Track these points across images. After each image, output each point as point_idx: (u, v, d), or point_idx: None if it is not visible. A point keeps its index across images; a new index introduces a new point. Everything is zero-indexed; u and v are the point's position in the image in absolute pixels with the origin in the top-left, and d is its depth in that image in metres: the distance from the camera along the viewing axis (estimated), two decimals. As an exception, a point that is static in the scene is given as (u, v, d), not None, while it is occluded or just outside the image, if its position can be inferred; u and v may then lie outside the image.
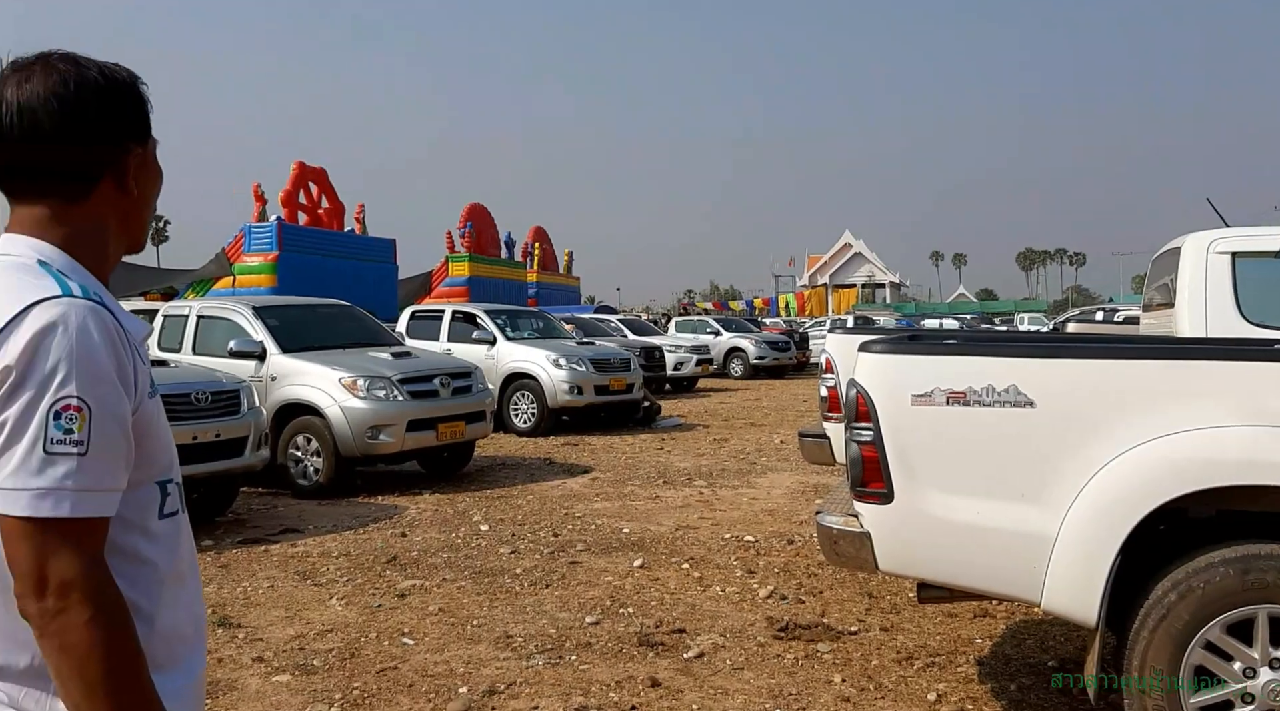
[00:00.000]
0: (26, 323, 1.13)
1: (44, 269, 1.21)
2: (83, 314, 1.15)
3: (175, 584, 1.28)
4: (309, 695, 3.99)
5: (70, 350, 1.13)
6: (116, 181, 1.27)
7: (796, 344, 25.91)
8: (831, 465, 5.86)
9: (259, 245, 24.80)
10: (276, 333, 9.16)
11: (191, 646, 1.31)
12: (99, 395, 1.14)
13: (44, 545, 1.10)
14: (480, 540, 6.71)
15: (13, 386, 1.11)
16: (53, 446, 1.10)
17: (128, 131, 1.27)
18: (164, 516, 1.27)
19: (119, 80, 1.27)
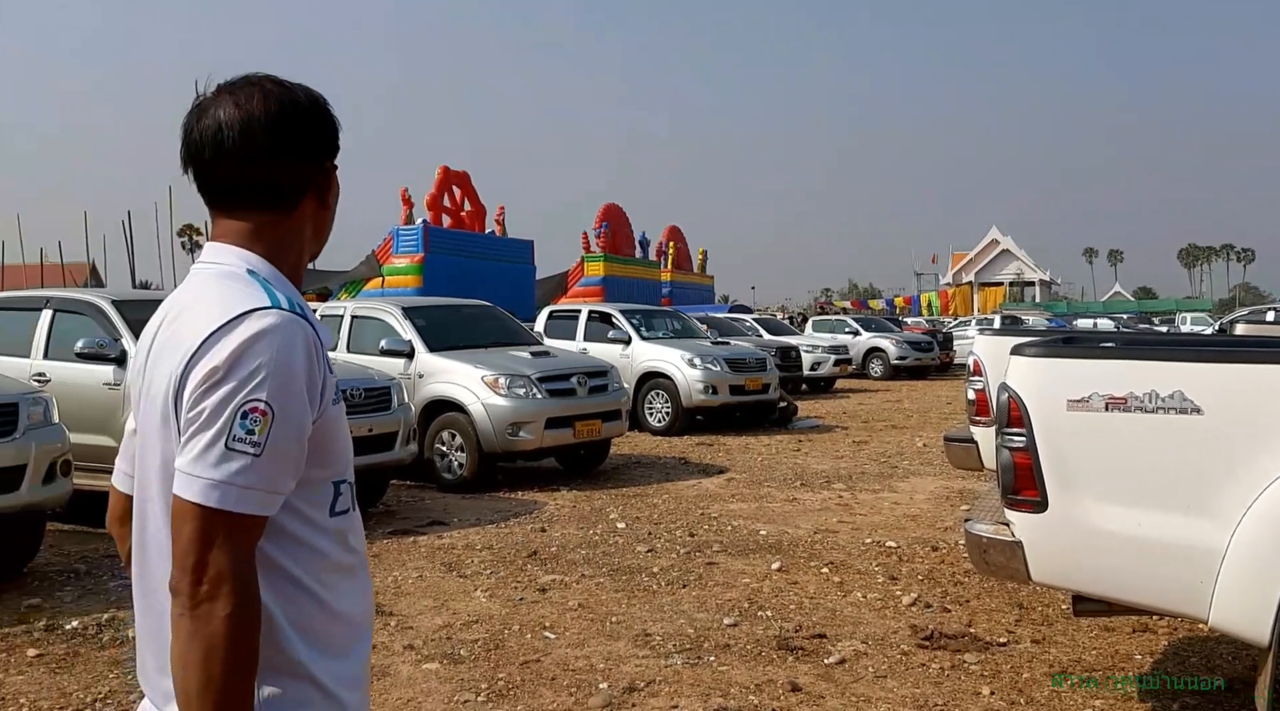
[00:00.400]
0: (239, 329, 1.21)
1: (252, 278, 1.30)
2: (289, 326, 1.23)
3: (347, 574, 1.35)
4: (456, 683, 4.13)
5: (271, 359, 1.21)
6: (318, 196, 1.37)
7: (940, 344, 25.16)
8: (979, 470, 5.68)
9: (406, 247, 25.79)
10: (424, 332, 9.50)
11: (361, 634, 1.37)
12: (284, 403, 1.21)
13: (206, 533, 1.17)
14: (617, 538, 6.79)
15: (214, 384, 1.20)
16: (234, 443, 1.18)
17: (326, 149, 1.37)
18: (336, 514, 1.34)
19: (317, 101, 1.36)
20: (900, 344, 23.75)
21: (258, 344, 1.21)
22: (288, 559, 1.28)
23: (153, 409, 1.28)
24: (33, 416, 5.60)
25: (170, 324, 1.30)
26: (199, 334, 1.22)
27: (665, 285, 36.85)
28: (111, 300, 7.72)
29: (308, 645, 1.28)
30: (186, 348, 1.23)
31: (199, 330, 1.23)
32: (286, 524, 1.27)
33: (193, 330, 1.24)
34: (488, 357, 9.27)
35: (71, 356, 7.16)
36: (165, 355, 1.27)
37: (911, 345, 23.87)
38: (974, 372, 5.53)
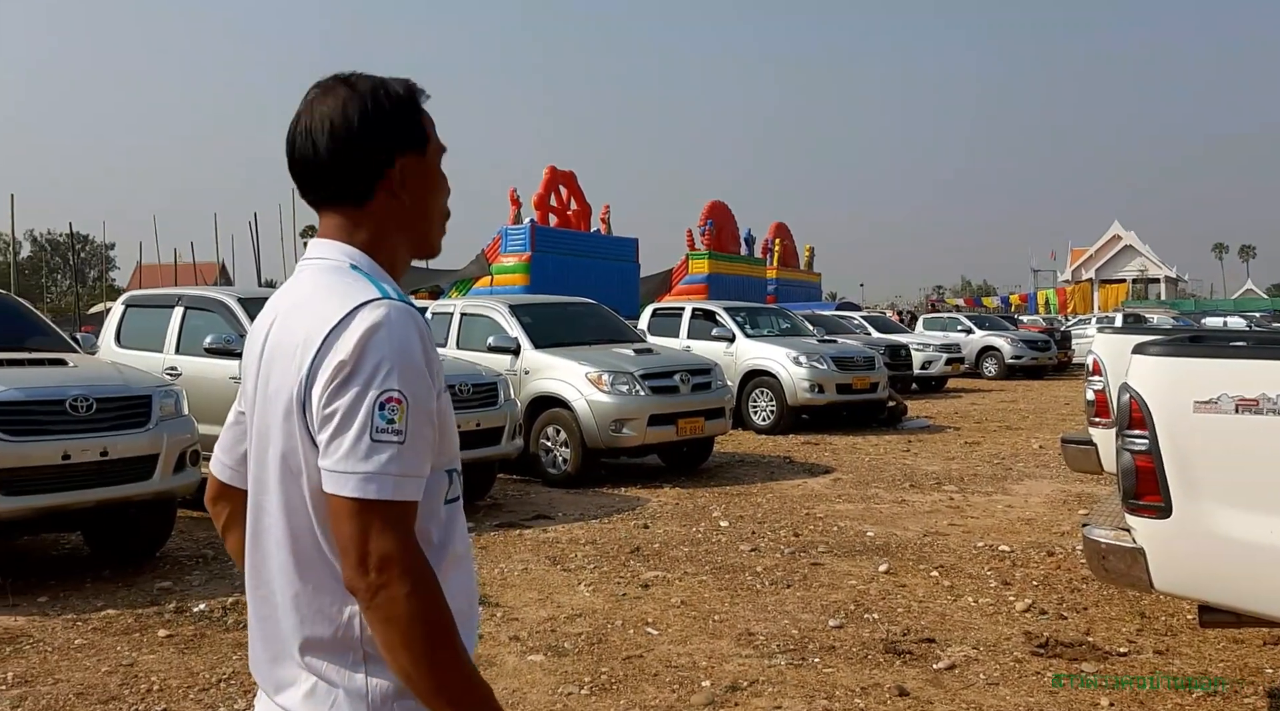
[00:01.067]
0: (355, 322, 1.24)
1: (356, 271, 1.32)
2: (402, 315, 1.25)
3: (456, 565, 1.36)
4: (560, 676, 4.17)
5: (394, 348, 1.23)
6: (388, 192, 1.36)
7: (1057, 342, 24.28)
8: (1098, 474, 5.46)
9: (514, 246, 26.23)
10: (530, 329, 9.66)
11: (468, 625, 1.37)
12: (414, 389, 1.23)
13: (368, 525, 1.19)
14: (720, 536, 6.77)
15: (345, 380, 1.22)
16: (378, 435, 1.20)
17: (394, 144, 1.35)
18: (448, 502, 1.35)
19: (386, 96, 1.36)
20: (1015, 342, 23.00)
21: (377, 335, 1.23)
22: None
23: (272, 405, 1.30)
24: (164, 409, 5.90)
25: (284, 320, 1.32)
26: (320, 330, 1.25)
27: (771, 282, 36.53)
28: (237, 297, 8.09)
29: None
30: (308, 344, 1.25)
31: (318, 326, 1.25)
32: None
33: (311, 326, 1.26)
34: (591, 355, 9.36)
35: (200, 351, 7.53)
36: (283, 352, 1.29)
37: (1027, 344, 23.09)
38: (1093, 372, 5.32)
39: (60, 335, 6.82)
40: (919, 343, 19.70)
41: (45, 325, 6.88)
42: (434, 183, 1.40)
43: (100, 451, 5.46)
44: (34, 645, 4.58)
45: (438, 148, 1.42)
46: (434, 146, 1.41)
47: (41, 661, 4.38)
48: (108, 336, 8.59)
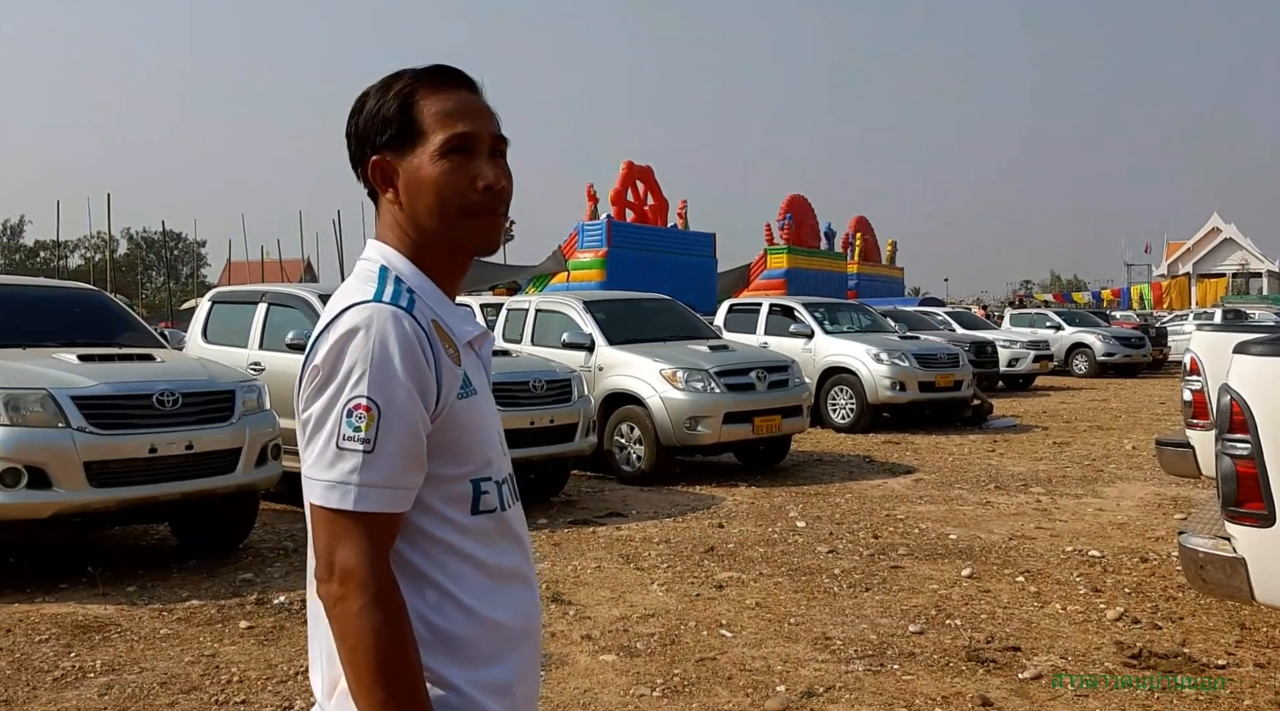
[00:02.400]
0: (336, 326, 1.23)
1: (379, 272, 1.31)
2: (383, 319, 1.22)
3: (498, 579, 1.30)
4: (632, 676, 4.13)
5: (367, 353, 1.20)
6: (382, 190, 1.34)
7: (1152, 339, 23.41)
8: (1195, 478, 5.20)
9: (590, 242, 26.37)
10: (604, 325, 9.64)
11: (517, 643, 1.32)
12: (388, 397, 1.19)
13: (332, 533, 1.19)
14: (797, 537, 6.65)
15: (318, 385, 1.22)
16: (344, 443, 1.19)
17: (368, 142, 1.33)
18: (480, 513, 1.29)
19: (370, 93, 1.35)
20: (1107, 339, 22.22)
21: (353, 339, 1.21)
22: (422, 558, 1.26)
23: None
24: (247, 403, 6.03)
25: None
26: (314, 334, 1.27)
27: (852, 278, 36.06)
28: (318, 294, 8.23)
29: (441, 648, 1.25)
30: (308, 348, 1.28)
31: (315, 330, 1.28)
32: (422, 523, 1.26)
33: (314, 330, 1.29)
34: (666, 351, 9.30)
35: (283, 347, 7.68)
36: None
37: (1120, 340, 22.29)
38: (1191, 371, 5.06)
39: (149, 331, 7.03)
40: (1005, 339, 19.18)
41: (134, 321, 7.10)
42: (426, 178, 1.30)
43: (186, 445, 5.60)
44: (121, 634, 4.72)
45: (445, 140, 1.30)
46: (432, 142, 1.30)
47: (128, 650, 4.50)
48: (195, 332, 8.84)
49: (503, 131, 1.36)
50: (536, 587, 1.38)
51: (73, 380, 5.44)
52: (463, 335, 1.32)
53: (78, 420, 5.27)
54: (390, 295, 1.26)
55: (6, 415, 5.17)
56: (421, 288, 1.31)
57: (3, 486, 5.10)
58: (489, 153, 1.32)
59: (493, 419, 1.36)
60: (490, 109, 1.36)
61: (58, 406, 5.26)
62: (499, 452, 1.35)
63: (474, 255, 1.36)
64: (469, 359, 1.32)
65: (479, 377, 1.33)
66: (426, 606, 1.25)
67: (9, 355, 5.72)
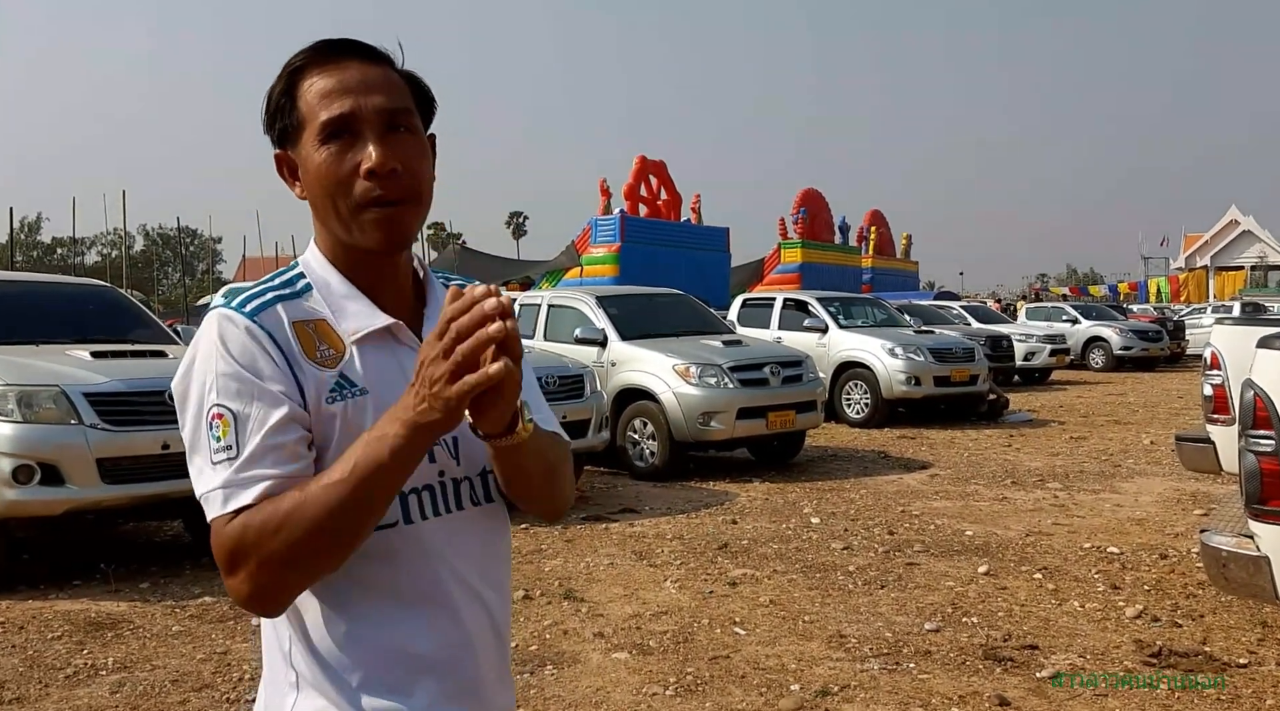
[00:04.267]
0: (193, 340, 1.19)
1: (288, 269, 1.26)
2: (219, 324, 1.14)
3: (408, 603, 1.18)
4: (645, 675, 4.09)
5: (208, 361, 1.13)
6: (292, 188, 1.23)
7: (1170, 333, 23.22)
8: (1216, 474, 5.13)
9: (604, 237, 26.33)
10: (617, 321, 9.60)
11: (432, 670, 1.19)
12: (237, 398, 1.12)
13: (216, 547, 1.11)
14: (811, 533, 6.60)
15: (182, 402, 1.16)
16: (215, 456, 1.11)
17: (272, 138, 1.23)
18: (379, 528, 1.15)
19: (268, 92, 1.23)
20: (1125, 333, 22.05)
21: (194, 355, 1.15)
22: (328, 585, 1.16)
23: None
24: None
25: None
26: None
27: (866, 272, 35.88)
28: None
29: (331, 673, 1.17)
30: None
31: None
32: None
33: None
34: (679, 346, 9.26)
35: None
36: None
37: (1137, 334, 22.12)
38: (1211, 366, 4.98)
39: (161, 327, 7.03)
40: (1021, 333, 19.05)
41: (147, 317, 7.11)
42: (312, 170, 1.17)
43: (198, 441, 5.59)
44: (134, 631, 4.71)
45: (320, 126, 1.15)
46: (312, 128, 1.16)
47: (140, 647, 4.49)
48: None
49: (407, 102, 1.18)
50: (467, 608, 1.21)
51: (85, 377, 5.44)
52: (350, 333, 1.19)
53: (90, 417, 5.28)
54: (242, 300, 1.17)
55: (19, 412, 5.18)
56: (325, 281, 1.21)
57: (16, 483, 5.10)
58: (381, 131, 1.15)
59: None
60: (390, 78, 1.18)
61: (70, 403, 5.26)
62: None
63: (381, 254, 1.19)
64: (371, 355, 1.19)
65: (385, 374, 1.18)
66: (314, 631, 1.17)
67: (21, 352, 5.73)
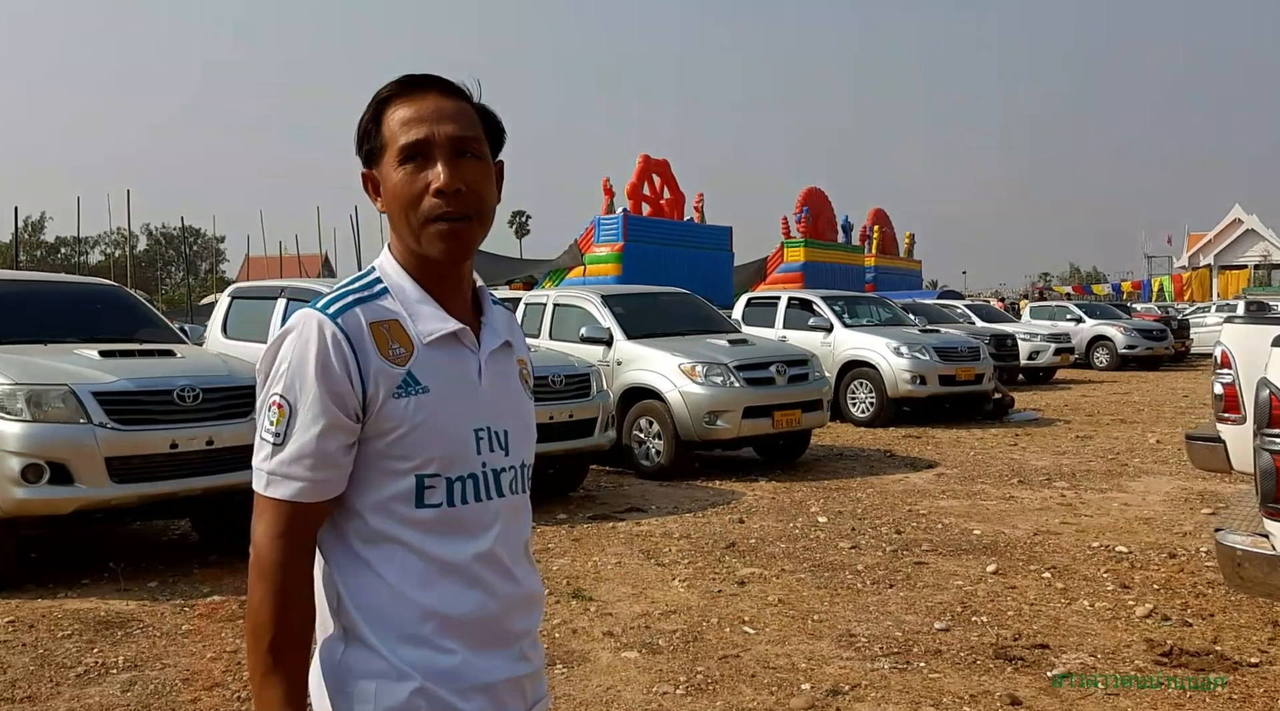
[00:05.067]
0: (282, 329, 1.35)
1: (364, 274, 1.42)
2: (309, 324, 1.31)
3: (449, 574, 1.35)
4: (655, 674, 4.09)
5: (284, 356, 1.32)
6: (374, 202, 1.43)
7: (1174, 331, 23.18)
8: (1226, 473, 5.11)
9: (607, 236, 26.29)
10: (622, 320, 9.59)
11: (465, 633, 1.35)
12: (297, 396, 1.30)
13: (255, 511, 1.32)
14: (819, 532, 6.59)
15: (261, 382, 1.35)
16: (263, 434, 1.32)
17: (361, 159, 1.41)
18: (425, 506, 1.34)
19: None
20: (1129, 331, 22.01)
21: (280, 343, 1.33)
22: (362, 543, 1.34)
23: None
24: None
25: None
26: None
27: (869, 271, 35.82)
28: (336, 290, 8.22)
29: (372, 624, 1.33)
30: None
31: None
32: (363, 510, 1.34)
33: None
34: (685, 345, 9.24)
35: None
36: None
37: (1142, 333, 22.07)
38: (1222, 365, 4.96)
39: (169, 326, 7.03)
40: (1026, 332, 19.02)
41: (155, 317, 7.10)
42: (389, 188, 1.37)
43: (206, 440, 5.59)
44: (144, 630, 4.71)
45: (399, 149, 1.35)
46: (392, 151, 1.35)
47: (151, 646, 4.49)
48: (215, 327, 8.85)
49: (476, 131, 1.37)
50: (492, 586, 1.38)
51: (94, 376, 5.44)
52: (424, 335, 1.35)
53: (99, 416, 5.27)
54: (328, 301, 1.34)
55: (28, 411, 5.18)
56: (399, 286, 1.38)
57: (25, 482, 5.10)
58: (451, 156, 1.33)
59: (460, 415, 1.37)
60: (463, 109, 1.37)
61: (79, 402, 5.26)
62: (464, 449, 1.37)
63: (443, 264, 1.37)
64: (436, 356, 1.35)
65: (445, 374, 1.36)
66: (360, 584, 1.33)
67: (30, 351, 5.73)
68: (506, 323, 1.49)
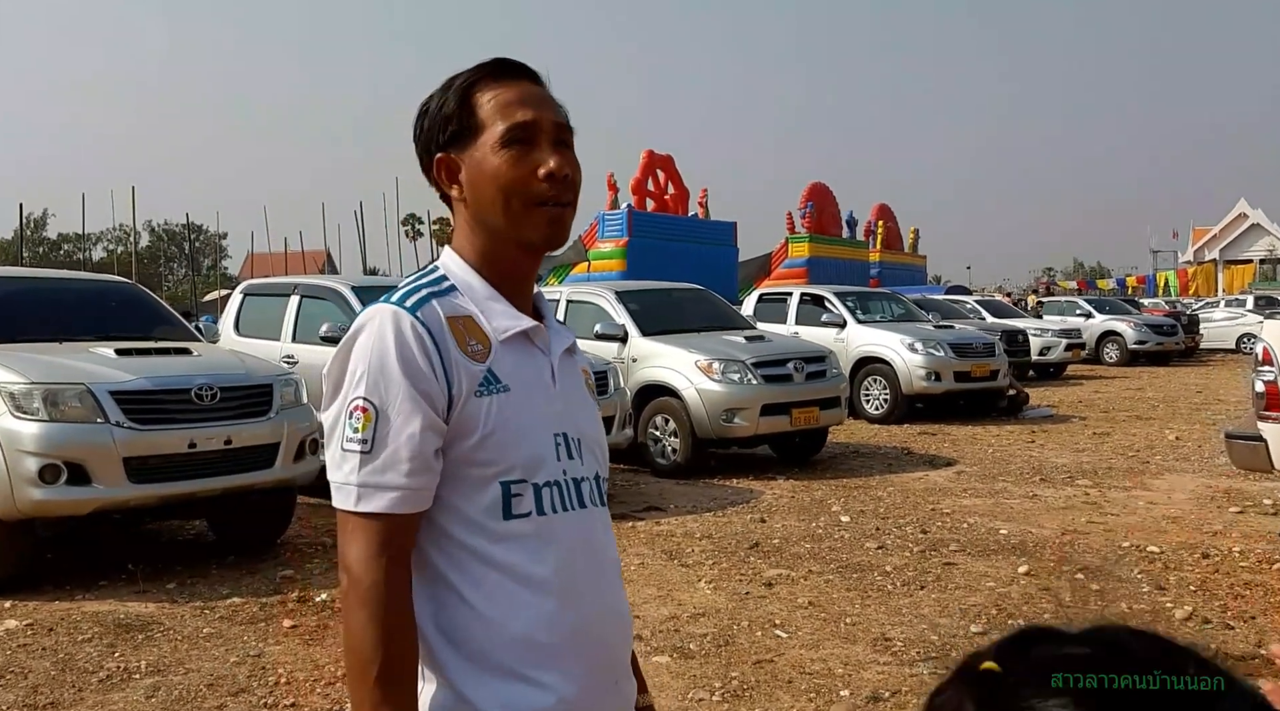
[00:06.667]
0: (348, 333, 1.25)
1: (427, 271, 1.33)
2: (383, 320, 1.22)
3: (536, 591, 1.24)
4: (689, 680, 4.00)
5: (363, 355, 1.21)
6: (448, 185, 1.32)
7: (1184, 326, 23.05)
8: (1268, 471, 5.01)
9: (611, 231, 26.16)
10: (637, 316, 9.49)
11: (560, 663, 1.24)
12: (384, 397, 1.20)
13: (342, 531, 1.21)
14: (842, 532, 6.50)
15: (330, 391, 1.25)
16: (346, 444, 1.20)
17: (431, 143, 1.32)
18: (514, 517, 1.24)
19: (430, 98, 1.34)
20: (1139, 327, 21.88)
21: (353, 343, 1.23)
22: (447, 563, 1.24)
23: None
24: (285, 397, 5.93)
25: None
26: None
27: (874, 266, 35.64)
28: (351, 286, 8.14)
29: (460, 659, 1.22)
30: None
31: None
32: (447, 525, 1.23)
33: None
34: (701, 342, 9.15)
35: (316, 339, 7.58)
36: None
37: (1152, 328, 21.94)
38: (1263, 361, 4.87)
39: (184, 324, 6.94)
40: (1037, 328, 18.90)
41: (170, 315, 7.01)
42: (488, 170, 1.27)
43: (224, 440, 5.50)
44: (165, 633, 4.63)
45: (506, 130, 1.27)
46: (493, 133, 1.27)
47: (172, 650, 4.40)
48: (227, 324, 8.76)
49: (569, 121, 1.33)
50: (586, 606, 1.28)
51: (111, 375, 5.35)
52: (499, 331, 1.28)
53: (116, 415, 5.19)
54: (402, 295, 1.25)
55: (45, 411, 5.09)
56: (467, 283, 1.30)
57: (42, 483, 5.01)
58: (553, 142, 1.29)
59: (540, 418, 1.28)
60: (554, 99, 1.33)
61: (96, 401, 5.17)
62: (546, 454, 1.27)
63: (540, 249, 1.32)
64: (511, 355, 1.28)
65: (522, 374, 1.28)
66: (444, 614, 1.23)
67: (46, 350, 5.64)
68: (566, 329, 1.43)
